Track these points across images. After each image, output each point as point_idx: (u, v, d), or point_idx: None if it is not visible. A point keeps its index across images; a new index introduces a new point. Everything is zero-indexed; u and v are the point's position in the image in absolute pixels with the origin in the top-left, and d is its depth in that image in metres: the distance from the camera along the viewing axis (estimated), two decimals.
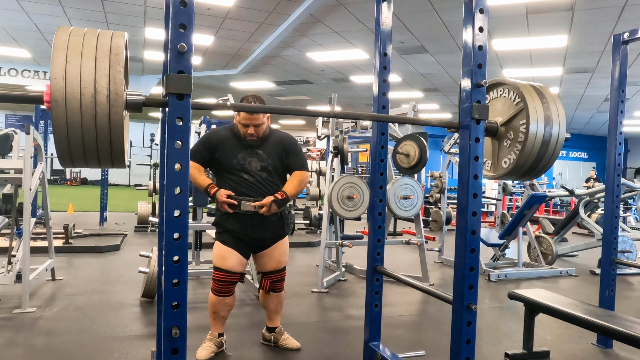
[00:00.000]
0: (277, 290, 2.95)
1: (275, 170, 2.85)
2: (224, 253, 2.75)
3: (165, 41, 1.91)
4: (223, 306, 2.81)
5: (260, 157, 2.81)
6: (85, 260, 5.59)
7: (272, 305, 2.99)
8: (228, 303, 2.82)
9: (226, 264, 2.73)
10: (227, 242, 2.77)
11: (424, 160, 4.91)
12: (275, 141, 2.87)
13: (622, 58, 3.27)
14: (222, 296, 2.77)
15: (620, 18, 7.02)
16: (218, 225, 2.84)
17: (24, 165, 3.66)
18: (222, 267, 2.74)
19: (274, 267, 2.89)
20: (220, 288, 2.75)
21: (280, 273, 2.92)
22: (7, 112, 20.80)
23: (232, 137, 2.82)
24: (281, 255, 2.90)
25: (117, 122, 1.42)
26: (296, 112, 1.87)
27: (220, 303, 2.79)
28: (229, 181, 2.80)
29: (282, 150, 2.88)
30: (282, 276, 2.94)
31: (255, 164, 2.80)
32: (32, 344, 3.04)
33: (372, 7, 2.46)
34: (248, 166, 2.78)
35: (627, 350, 3.25)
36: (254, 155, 2.80)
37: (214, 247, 2.81)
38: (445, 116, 17.30)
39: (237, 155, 2.79)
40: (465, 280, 1.71)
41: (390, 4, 2.40)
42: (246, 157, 2.79)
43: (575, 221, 7.18)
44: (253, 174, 2.78)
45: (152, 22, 8.43)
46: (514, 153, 1.99)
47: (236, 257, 2.76)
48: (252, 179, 2.78)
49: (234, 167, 2.78)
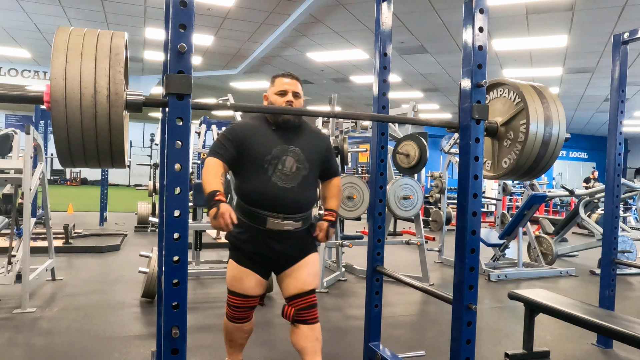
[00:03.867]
0: (308, 321, 2.24)
1: (312, 173, 2.28)
2: (240, 274, 2.25)
3: (165, 41, 1.91)
4: (240, 334, 2.37)
5: (296, 155, 2.22)
6: (85, 260, 5.58)
7: (307, 342, 2.23)
8: (246, 330, 2.37)
9: (243, 287, 2.24)
10: (243, 261, 2.25)
11: (424, 160, 4.92)
12: (313, 136, 2.33)
13: (622, 58, 3.27)
14: (239, 323, 2.32)
15: (620, 18, 7.02)
16: (232, 240, 2.29)
17: (24, 165, 3.66)
18: (238, 291, 2.25)
19: (299, 289, 2.25)
20: (237, 314, 2.29)
21: (308, 298, 2.26)
22: (7, 112, 20.81)
23: (264, 126, 2.24)
24: (307, 275, 2.28)
25: (117, 122, 1.42)
26: (296, 112, 1.87)
27: (237, 331, 2.35)
28: (254, 184, 2.18)
29: (325, 150, 2.36)
30: (310, 301, 2.26)
31: (290, 163, 2.20)
32: (32, 344, 3.04)
33: (372, 7, 2.46)
34: (282, 166, 2.18)
35: (627, 350, 3.25)
36: (289, 152, 2.20)
37: (228, 266, 2.31)
38: (445, 116, 17.30)
39: (272, 150, 2.18)
40: (465, 280, 1.71)
41: (390, 4, 2.40)
42: (281, 155, 2.19)
43: (575, 221, 7.18)
44: (287, 177, 2.18)
45: (152, 22, 8.43)
46: (514, 153, 1.99)
47: (254, 278, 2.25)
48: (285, 184, 2.17)
49: (263, 165, 2.17)
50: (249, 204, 2.19)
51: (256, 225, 2.18)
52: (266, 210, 2.16)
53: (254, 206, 2.17)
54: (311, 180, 2.28)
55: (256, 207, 2.17)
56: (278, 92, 2.24)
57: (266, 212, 2.16)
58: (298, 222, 2.22)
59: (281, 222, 2.17)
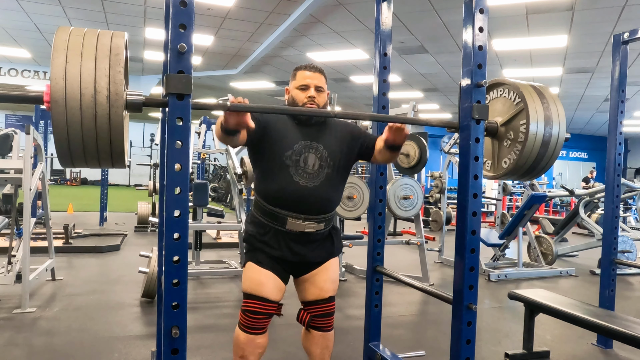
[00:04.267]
0: (323, 328, 2.17)
1: (337, 172, 2.13)
2: (259, 277, 2.05)
3: (165, 41, 1.91)
4: (254, 348, 2.03)
5: (319, 152, 2.07)
6: (85, 260, 5.58)
7: (317, 349, 2.17)
8: (260, 344, 2.05)
9: (264, 291, 2.03)
10: (264, 262, 2.07)
11: (424, 160, 4.92)
12: (338, 129, 2.17)
13: (622, 58, 3.27)
14: (253, 333, 2.02)
15: (620, 18, 7.02)
16: (250, 240, 2.13)
17: (24, 165, 3.66)
18: (258, 294, 2.03)
19: (317, 296, 2.15)
20: (253, 323, 2.02)
21: (325, 305, 2.16)
22: (7, 112, 20.80)
23: (287, 119, 2.10)
24: (326, 281, 2.16)
25: (117, 123, 1.41)
26: (296, 112, 1.87)
27: (250, 343, 2.02)
28: (275, 182, 2.06)
29: (351, 138, 2.18)
30: (328, 309, 2.16)
31: (312, 161, 2.06)
32: (32, 344, 3.04)
33: (372, 7, 2.46)
34: (303, 164, 2.05)
35: (627, 350, 3.25)
36: (311, 149, 2.07)
37: (246, 269, 2.11)
38: (445, 116, 17.30)
39: (293, 145, 2.04)
40: (465, 280, 1.71)
41: (390, 4, 2.40)
42: (302, 152, 2.05)
43: (575, 221, 7.18)
44: (308, 175, 2.05)
45: (152, 22, 8.43)
46: (514, 153, 1.99)
47: (274, 281, 2.06)
48: (308, 184, 2.05)
49: (285, 162, 2.03)
50: (268, 202, 2.06)
51: (276, 225, 2.05)
52: (287, 210, 2.03)
53: (274, 205, 2.05)
54: (335, 179, 2.13)
55: (276, 206, 2.05)
56: (299, 86, 2.09)
57: (287, 212, 2.03)
58: (320, 224, 2.09)
59: (302, 223, 2.04)
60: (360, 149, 2.19)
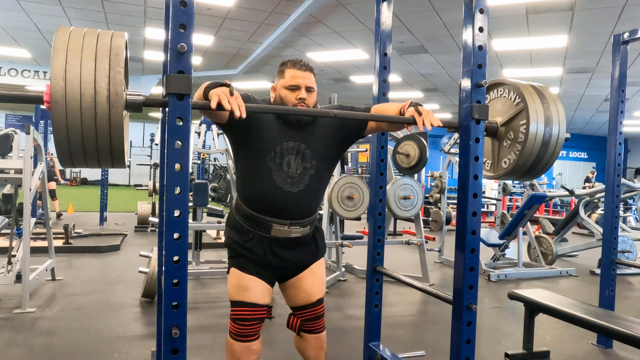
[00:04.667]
0: (315, 331, 2.12)
1: (322, 168, 2.03)
2: (246, 282, 1.98)
3: (165, 41, 1.91)
4: (248, 356, 1.96)
5: (301, 152, 1.97)
6: (85, 260, 5.59)
7: (311, 351, 2.14)
8: (255, 350, 1.99)
9: (250, 296, 1.96)
10: (248, 267, 2.00)
11: (424, 160, 4.92)
12: (322, 123, 2.04)
13: (622, 58, 3.27)
14: (247, 341, 1.95)
15: (620, 18, 7.02)
16: (233, 247, 2.04)
17: (24, 165, 3.66)
18: (245, 301, 1.96)
19: (305, 300, 2.10)
20: (244, 330, 1.95)
21: (315, 309, 2.12)
22: (7, 112, 20.80)
23: (272, 117, 1.97)
24: (312, 285, 2.11)
25: (117, 123, 1.41)
26: (296, 112, 1.86)
27: (244, 351, 1.95)
28: (257, 187, 1.96)
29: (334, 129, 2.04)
30: (317, 312, 2.13)
31: (295, 164, 1.97)
32: (32, 344, 3.04)
33: (372, 7, 2.46)
34: (287, 167, 1.95)
35: (627, 350, 3.25)
36: (293, 151, 1.96)
37: (230, 276, 2.03)
38: (445, 116, 17.28)
39: (276, 147, 1.94)
40: (465, 280, 1.71)
41: (390, 4, 2.40)
42: (285, 154, 1.95)
43: (575, 221, 7.18)
44: (292, 179, 1.96)
45: (152, 22, 8.43)
46: (514, 153, 1.99)
47: (261, 286, 2.00)
48: (292, 189, 1.96)
49: (267, 163, 1.93)
50: (251, 208, 1.99)
51: (261, 232, 1.98)
52: (271, 216, 1.96)
53: (257, 212, 1.97)
54: (320, 177, 2.03)
55: (260, 212, 1.97)
56: (289, 86, 1.94)
57: (271, 219, 1.96)
58: (306, 228, 2.03)
59: (288, 229, 1.97)
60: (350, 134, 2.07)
